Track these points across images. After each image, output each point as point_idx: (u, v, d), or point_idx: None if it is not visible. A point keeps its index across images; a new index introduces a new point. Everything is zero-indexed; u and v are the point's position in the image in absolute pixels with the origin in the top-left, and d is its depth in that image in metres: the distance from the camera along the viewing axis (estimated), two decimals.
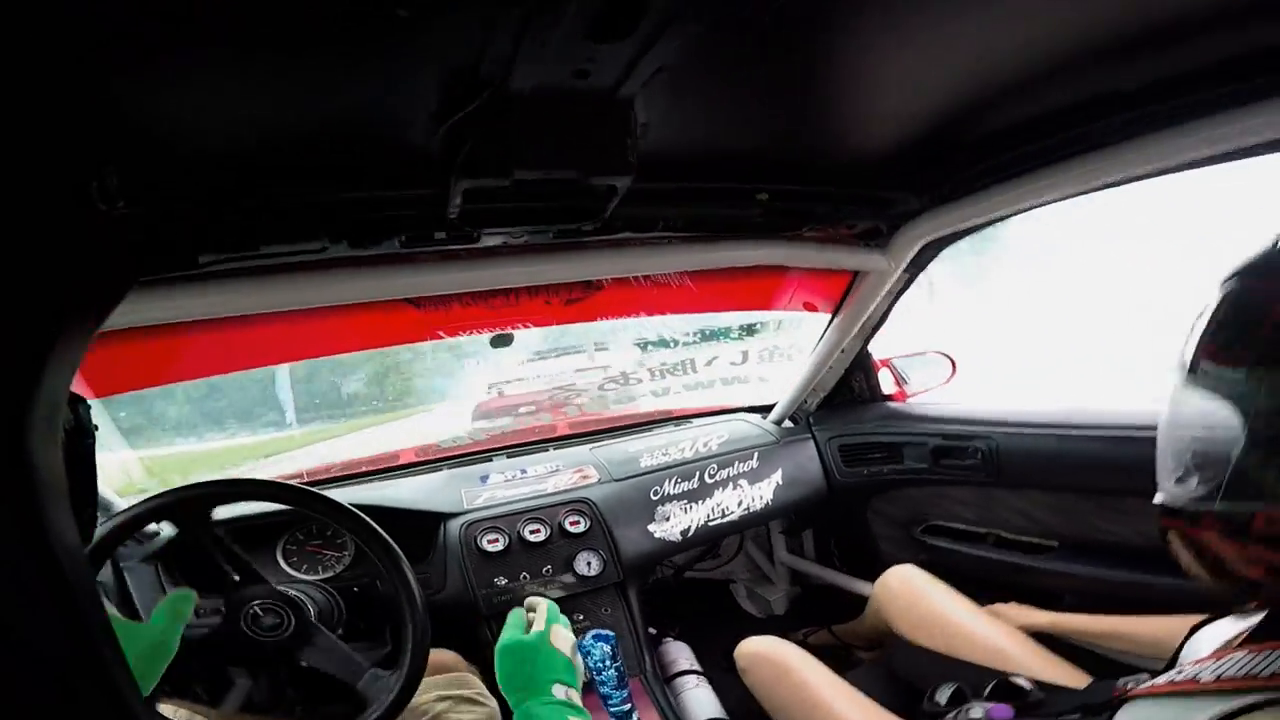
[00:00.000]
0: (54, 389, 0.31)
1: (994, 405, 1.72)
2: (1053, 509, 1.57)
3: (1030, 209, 1.17)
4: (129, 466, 1.81)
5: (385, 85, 0.65)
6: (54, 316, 0.32)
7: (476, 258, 1.05)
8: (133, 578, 1.32)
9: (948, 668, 1.22)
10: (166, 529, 1.39)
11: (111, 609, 0.77)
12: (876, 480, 1.92)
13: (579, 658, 0.95)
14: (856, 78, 0.81)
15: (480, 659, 1.48)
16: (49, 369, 0.31)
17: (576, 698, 0.87)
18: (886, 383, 2.04)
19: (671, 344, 2.16)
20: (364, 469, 1.85)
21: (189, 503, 1.00)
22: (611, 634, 1.32)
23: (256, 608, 0.97)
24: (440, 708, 1.15)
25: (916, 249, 1.35)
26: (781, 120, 0.92)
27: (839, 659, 1.83)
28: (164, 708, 0.95)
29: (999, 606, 1.39)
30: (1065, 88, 0.89)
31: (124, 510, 0.94)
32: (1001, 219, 1.23)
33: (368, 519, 1.01)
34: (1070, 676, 1.09)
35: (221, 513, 1.41)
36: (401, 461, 1.91)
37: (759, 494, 1.87)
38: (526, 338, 1.55)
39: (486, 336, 1.36)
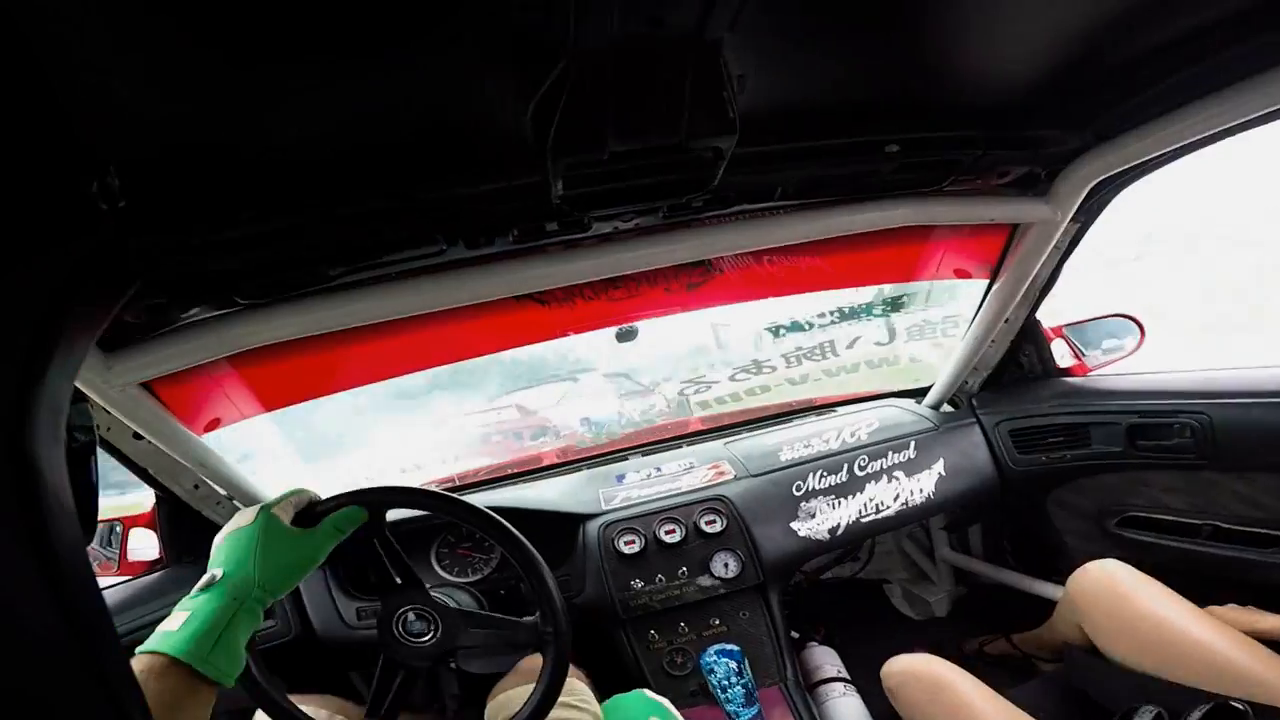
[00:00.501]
0: (57, 389, 0.31)
1: (1204, 373, 1.46)
2: None
3: (1221, 136, 0.98)
4: None
5: (462, 72, 0.64)
6: (56, 317, 0.32)
7: (590, 247, 1.03)
8: (304, 581, 1.44)
9: (1146, 685, 1.04)
10: None
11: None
12: (1058, 468, 1.69)
13: None
14: None
15: (612, 665, 1.46)
16: (52, 369, 0.31)
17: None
18: (1061, 355, 1.79)
19: (806, 327, 2.01)
20: (510, 471, 1.91)
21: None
22: (737, 649, 1.25)
23: (410, 613, 0.99)
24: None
25: (1084, 193, 1.17)
26: (904, 56, 0.80)
27: (1017, 671, 1.67)
28: (317, 704, 1.01)
29: (1218, 610, 1.15)
30: None
31: (337, 495, 1.00)
32: (1188, 150, 1.05)
33: (508, 526, 1.01)
34: None
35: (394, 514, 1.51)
36: (544, 463, 1.95)
37: (918, 487, 1.70)
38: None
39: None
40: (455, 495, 1.03)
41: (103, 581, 1.35)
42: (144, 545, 1.45)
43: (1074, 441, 1.64)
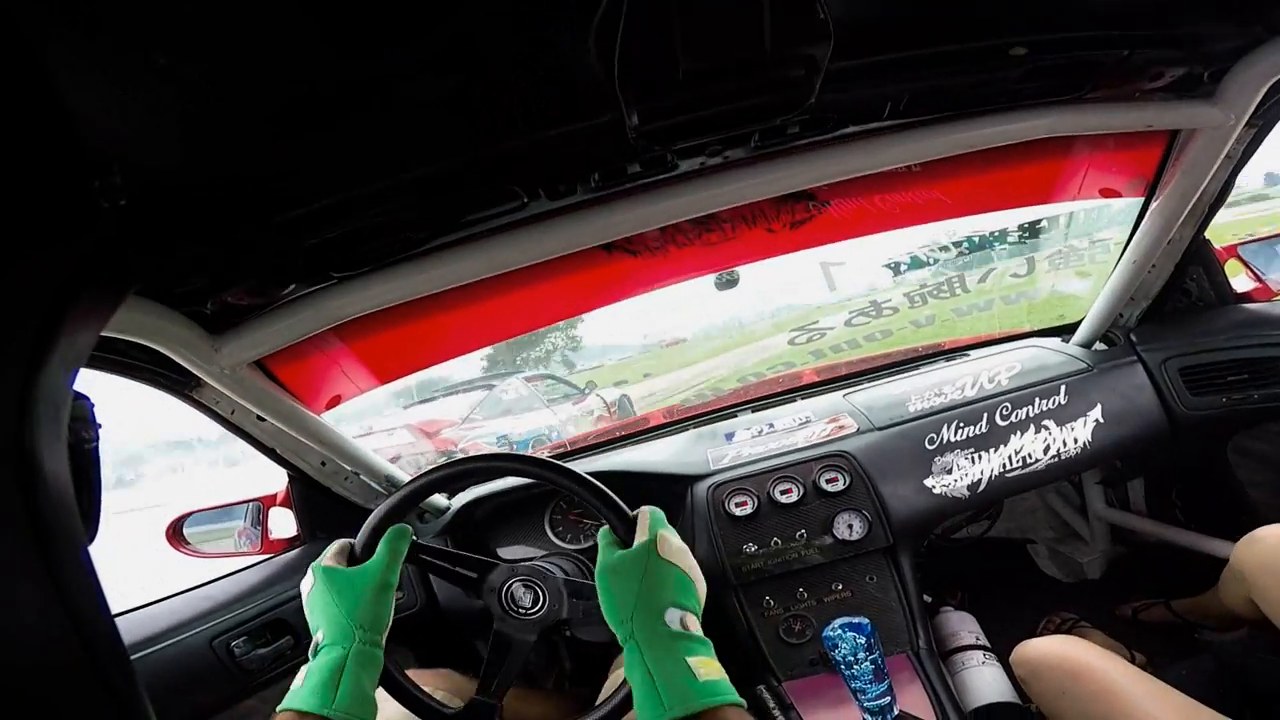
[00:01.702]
0: (58, 387, 0.32)
1: None
2: None
3: None
4: None
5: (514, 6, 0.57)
6: (55, 314, 0.32)
7: (677, 185, 0.95)
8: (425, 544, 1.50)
9: None
10: (454, 504, 1.54)
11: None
12: (1241, 410, 1.46)
13: (697, 573, 0.79)
14: None
15: (724, 634, 1.40)
16: (53, 366, 0.31)
17: (695, 625, 0.73)
18: (1237, 280, 1.53)
19: (930, 262, 1.83)
20: (617, 434, 1.89)
21: (449, 479, 1.04)
22: (866, 622, 1.15)
23: (517, 584, 0.98)
24: None
25: (1262, 93, 0.98)
26: None
27: (1177, 640, 1.51)
28: (435, 680, 1.02)
29: None
30: None
31: (402, 486, 1.02)
32: None
33: (599, 485, 0.96)
34: None
35: (488, 488, 1.53)
36: (651, 424, 1.91)
37: (1072, 436, 1.50)
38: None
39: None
40: (500, 453, 1.00)
41: (247, 560, 1.45)
42: (283, 524, 1.54)
43: (1261, 379, 1.42)
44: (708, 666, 0.68)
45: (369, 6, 0.53)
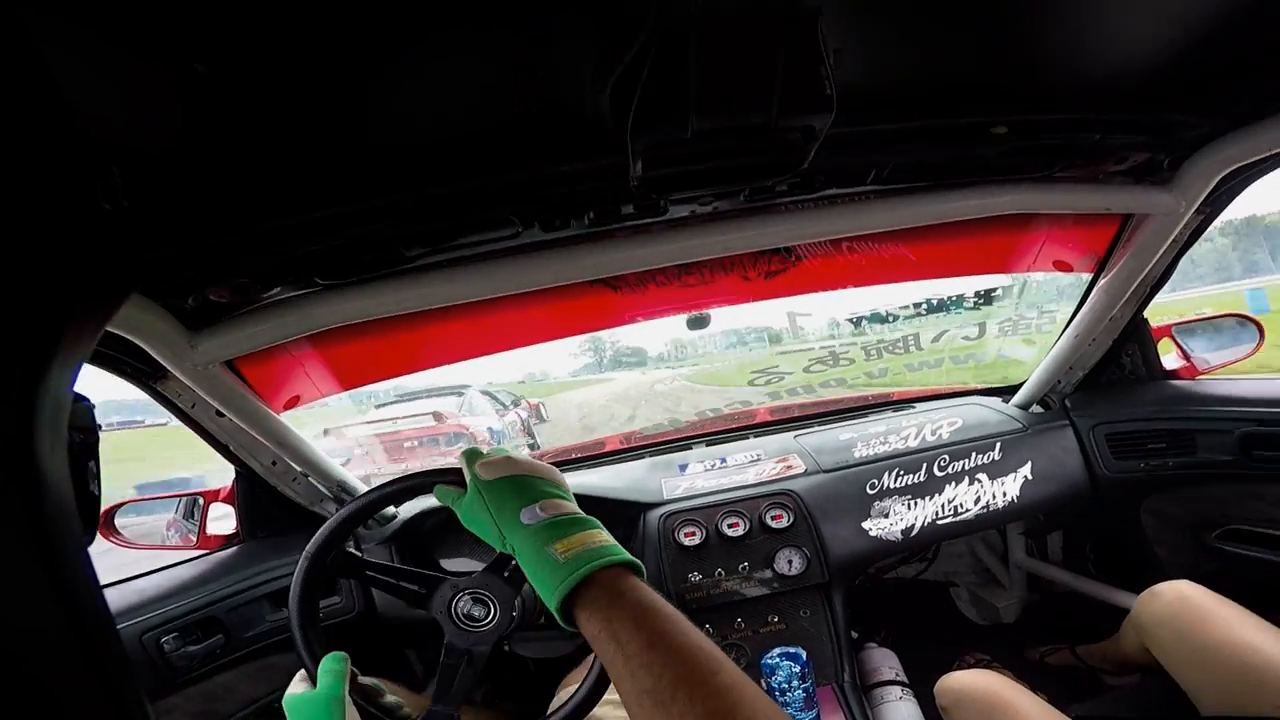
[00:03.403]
0: (59, 388, 0.31)
1: None
2: None
3: None
4: None
5: (542, 47, 0.61)
6: (58, 315, 0.32)
7: (666, 230, 0.99)
8: (371, 559, 1.47)
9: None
10: (403, 513, 1.53)
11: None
12: (1158, 475, 1.58)
13: (534, 465, 0.76)
14: None
15: None
16: (54, 368, 0.30)
17: (560, 505, 0.69)
18: (1167, 357, 1.67)
19: (889, 319, 1.92)
20: (573, 456, 1.90)
21: (417, 490, 1.04)
22: (802, 652, 1.21)
23: (467, 597, 0.99)
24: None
25: (1214, 182, 1.06)
26: (1018, 29, 0.73)
27: (1080, 684, 1.61)
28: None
29: None
30: None
31: (360, 496, 1.01)
32: None
33: (414, 472, 0.98)
34: None
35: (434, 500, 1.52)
36: (607, 449, 1.93)
37: (1002, 490, 1.60)
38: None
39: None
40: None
41: (182, 555, 1.41)
42: (222, 520, 1.50)
43: (1178, 448, 1.53)
44: (568, 543, 0.64)
45: (396, 29, 0.55)
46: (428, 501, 1.54)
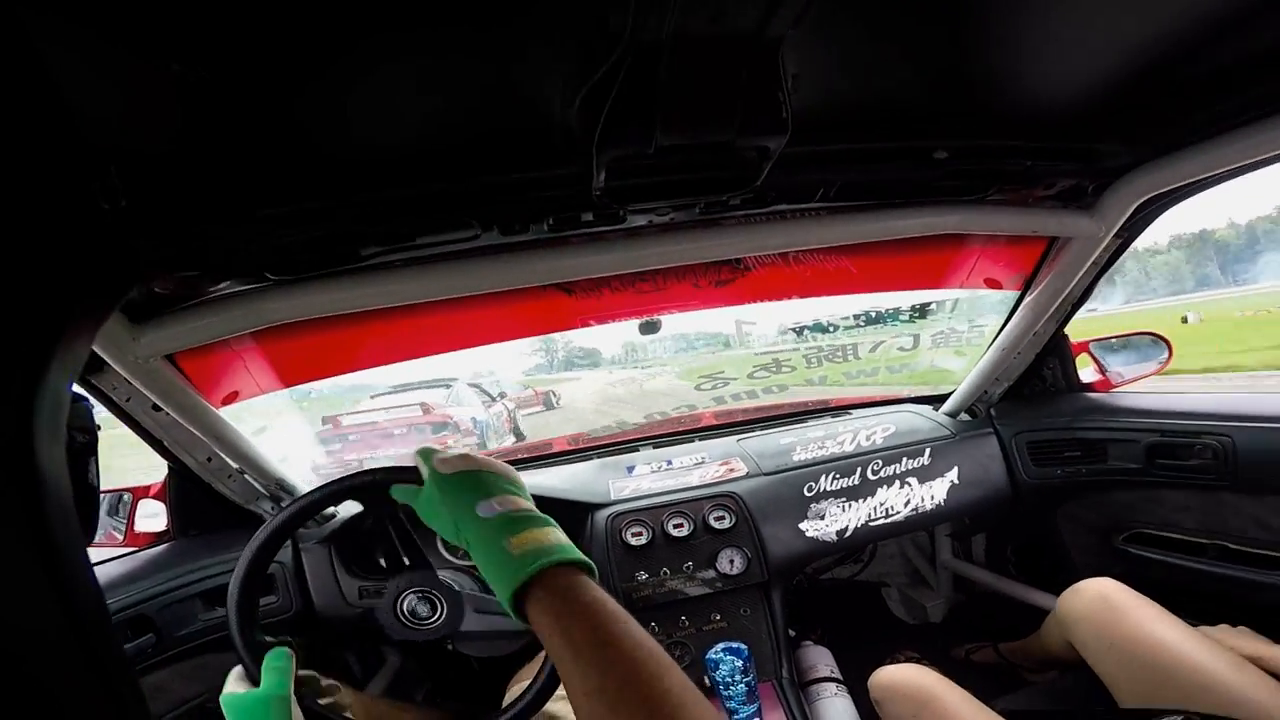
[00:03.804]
0: (58, 387, 0.31)
1: (1230, 396, 1.47)
2: None
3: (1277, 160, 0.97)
4: None
5: (515, 57, 0.63)
6: (57, 316, 0.33)
7: (623, 239, 1.01)
8: (309, 558, 1.44)
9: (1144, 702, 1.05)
10: (342, 512, 1.50)
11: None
12: (1073, 482, 1.69)
13: (489, 463, 0.77)
14: (1045, 3, 0.67)
15: None
16: (53, 368, 0.31)
17: (516, 501, 0.69)
18: (1085, 371, 1.79)
19: (830, 329, 2.01)
20: (520, 456, 1.91)
21: (369, 487, 1.03)
22: (744, 648, 1.26)
23: (414, 596, 0.99)
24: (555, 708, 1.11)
25: (1132, 209, 1.15)
26: (962, 62, 0.79)
27: (1002, 680, 1.69)
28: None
29: (1209, 629, 1.15)
30: None
31: (309, 493, 1.00)
32: (1244, 171, 1.03)
33: (371, 469, 0.99)
34: None
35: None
36: (555, 450, 1.94)
37: (930, 494, 1.70)
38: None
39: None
40: None
41: (109, 553, 1.35)
42: (152, 517, 1.44)
43: (1091, 457, 1.65)
44: (523, 539, 0.64)
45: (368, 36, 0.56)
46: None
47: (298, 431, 1.82)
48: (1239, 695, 0.94)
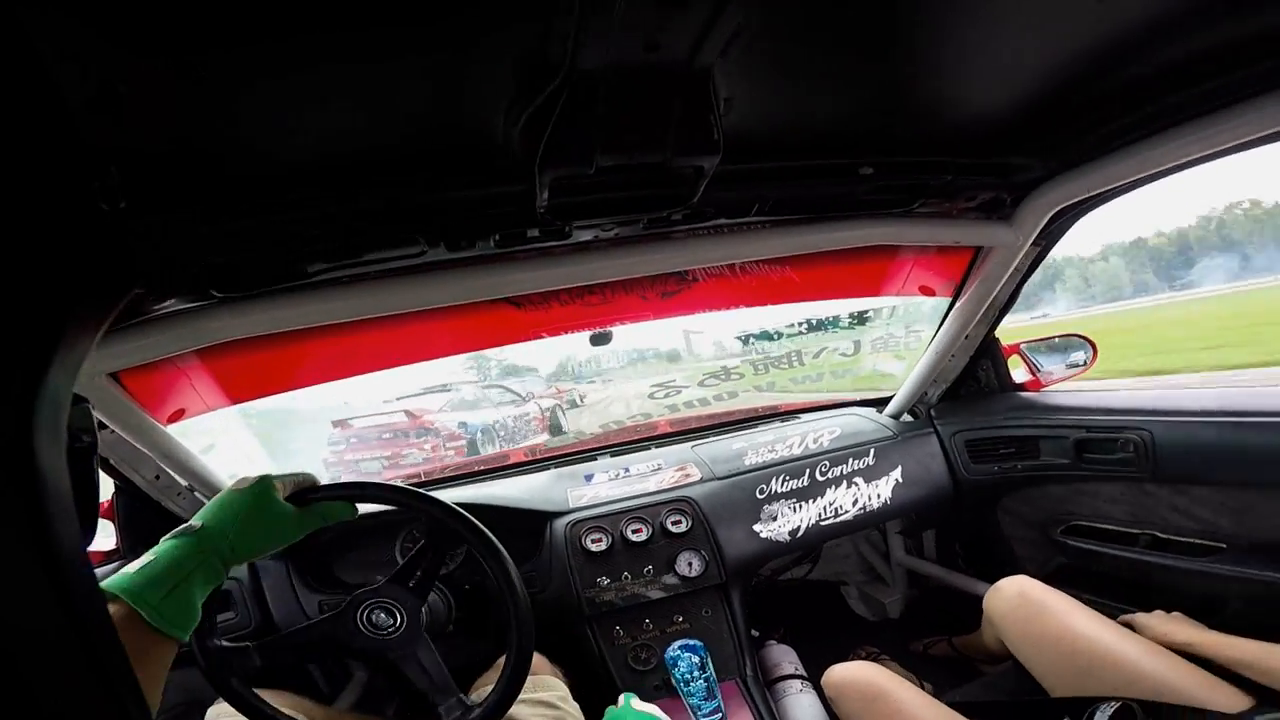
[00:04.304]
0: (58, 389, 0.32)
1: (1148, 393, 1.54)
2: (1220, 507, 1.39)
3: (1179, 169, 1.03)
4: None
5: (458, 81, 0.65)
6: (57, 317, 0.33)
7: (570, 254, 1.04)
8: (266, 575, 1.43)
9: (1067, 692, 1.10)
10: None
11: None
12: (1009, 477, 1.77)
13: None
14: (961, 30, 0.73)
15: (576, 662, 1.48)
16: (53, 369, 0.31)
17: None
18: (1017, 371, 1.87)
19: (775, 336, 2.07)
20: (476, 468, 1.91)
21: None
22: (699, 644, 1.29)
23: (374, 605, 1.00)
24: (522, 711, 1.12)
25: (1046, 219, 1.23)
26: (880, 86, 0.84)
27: (959, 672, 1.73)
28: (278, 700, 1.01)
29: (1141, 616, 1.22)
30: (1212, 27, 0.76)
31: (330, 485, 0.99)
32: (1145, 182, 1.10)
33: (472, 519, 1.03)
34: (1230, 698, 0.94)
35: None
36: (511, 461, 1.96)
37: (876, 492, 1.76)
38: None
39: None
40: (419, 490, 1.03)
41: None
42: (101, 536, 1.41)
43: (1025, 453, 1.71)
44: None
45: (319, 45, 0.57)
46: None
47: (247, 447, 1.79)
48: (1161, 684, 0.99)
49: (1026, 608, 1.24)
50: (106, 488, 1.39)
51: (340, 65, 0.60)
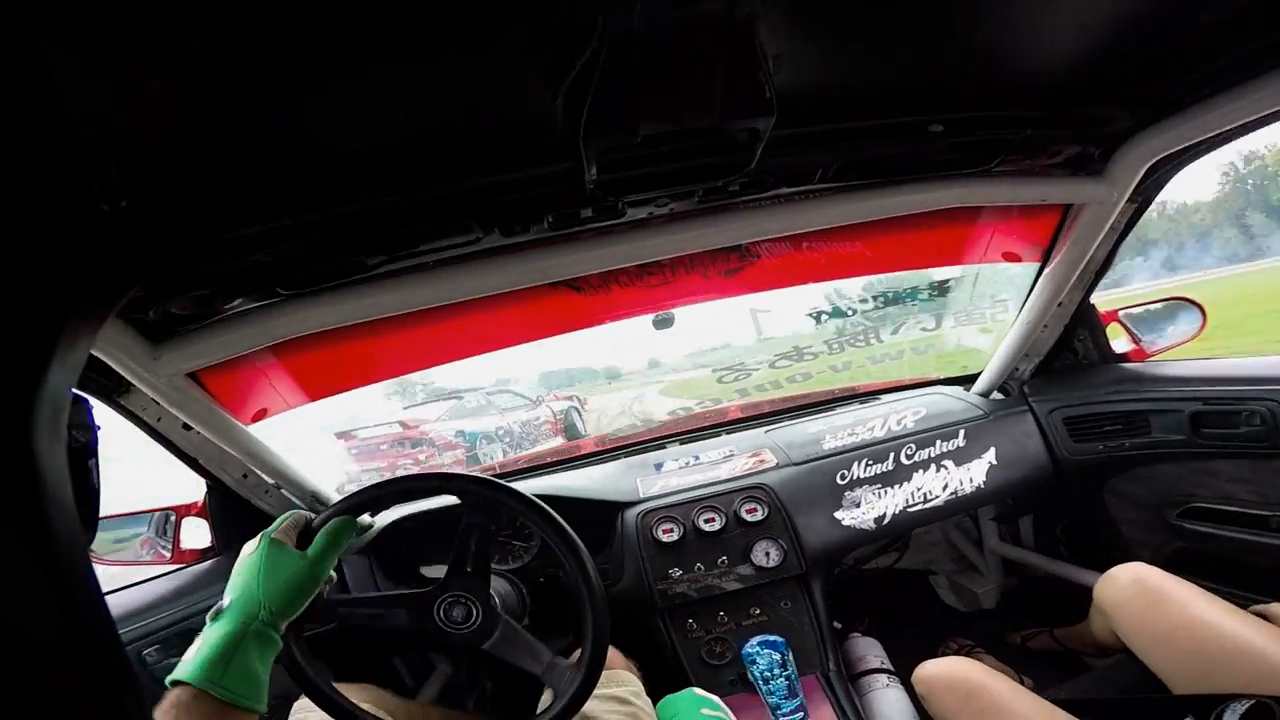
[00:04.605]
0: (58, 388, 0.31)
1: (1273, 359, 1.37)
2: None
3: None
4: None
5: (492, 60, 0.63)
6: (57, 314, 0.32)
7: (625, 232, 1.01)
8: (350, 568, 1.47)
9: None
10: (379, 522, 1.53)
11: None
12: (1115, 457, 1.61)
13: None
14: None
15: (650, 655, 1.45)
16: (53, 368, 0.31)
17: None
18: (1117, 342, 1.72)
19: (849, 312, 1.96)
20: (548, 460, 1.92)
21: (388, 497, 1.05)
22: (781, 640, 1.23)
23: (449, 600, 1.00)
24: (596, 708, 1.09)
25: (1141, 172, 1.12)
26: (948, 32, 0.77)
27: (1063, 667, 1.62)
28: (359, 695, 1.03)
29: (1277, 607, 1.07)
30: None
31: (336, 503, 1.02)
32: (1249, 129, 1.00)
33: (550, 510, 1.02)
34: None
35: (421, 505, 1.52)
36: (583, 451, 1.95)
37: (968, 476, 1.64)
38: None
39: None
40: (496, 480, 1.03)
41: (157, 570, 1.40)
42: (197, 534, 1.49)
43: (1133, 430, 1.57)
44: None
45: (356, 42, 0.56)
46: (403, 509, 1.54)
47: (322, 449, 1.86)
48: None
49: (1144, 596, 1.13)
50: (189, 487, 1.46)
51: (380, 60, 0.59)
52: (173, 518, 1.49)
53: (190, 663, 0.71)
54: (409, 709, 1.15)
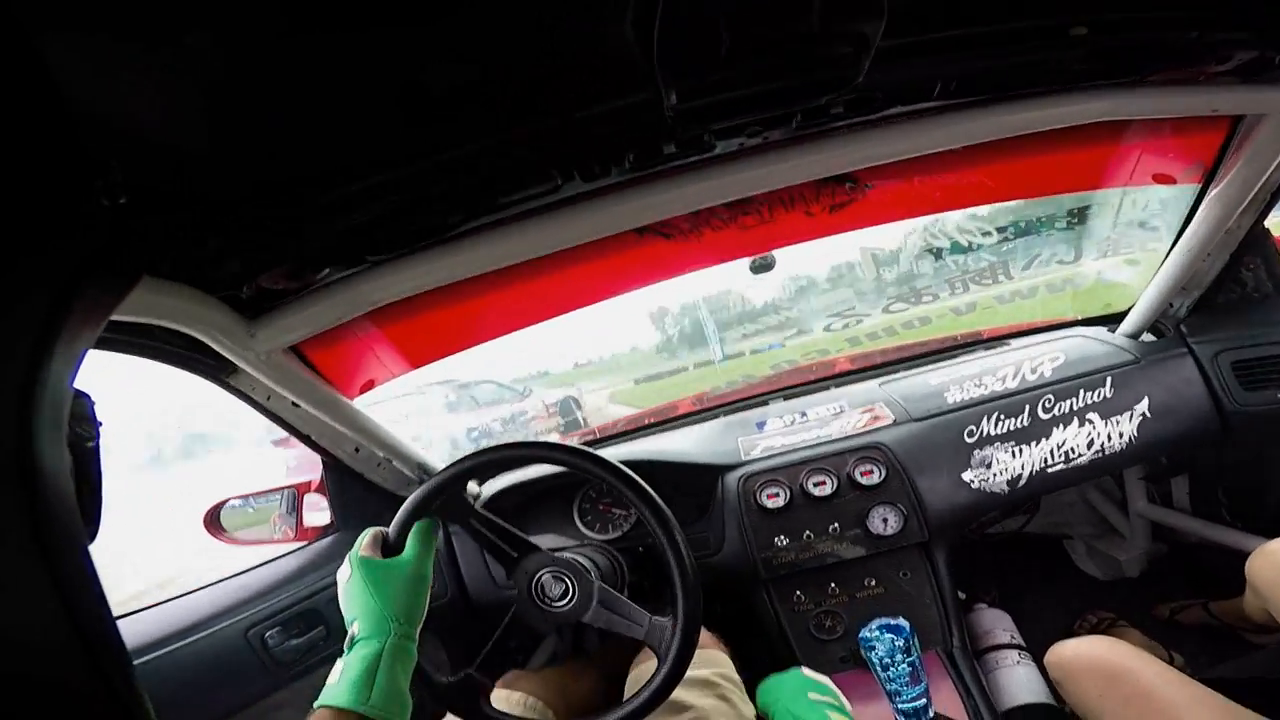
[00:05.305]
0: (58, 384, 0.32)
1: None
2: None
3: None
4: None
5: None
6: (59, 314, 0.33)
7: (714, 166, 0.92)
8: (459, 542, 1.49)
9: None
10: (485, 491, 1.54)
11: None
12: None
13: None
14: None
15: (752, 630, 1.38)
16: (53, 364, 0.31)
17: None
18: None
19: (972, 247, 1.77)
20: (647, 421, 1.88)
21: (486, 466, 1.05)
22: (904, 624, 1.14)
23: (545, 577, 0.98)
24: (683, 696, 1.05)
25: None
26: None
27: (1220, 644, 1.47)
28: (498, 696, 1.05)
29: None
30: None
31: (438, 473, 1.01)
32: None
33: (636, 478, 0.97)
34: None
35: (517, 476, 1.52)
36: (680, 412, 1.89)
37: (1118, 430, 1.45)
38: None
39: None
40: (566, 444, 1.01)
41: (283, 548, 1.46)
42: (317, 512, 1.55)
43: None
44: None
45: None
46: (507, 479, 1.55)
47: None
48: None
49: None
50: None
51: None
52: (296, 495, 1.57)
53: (335, 687, 0.74)
54: (532, 678, 1.16)
